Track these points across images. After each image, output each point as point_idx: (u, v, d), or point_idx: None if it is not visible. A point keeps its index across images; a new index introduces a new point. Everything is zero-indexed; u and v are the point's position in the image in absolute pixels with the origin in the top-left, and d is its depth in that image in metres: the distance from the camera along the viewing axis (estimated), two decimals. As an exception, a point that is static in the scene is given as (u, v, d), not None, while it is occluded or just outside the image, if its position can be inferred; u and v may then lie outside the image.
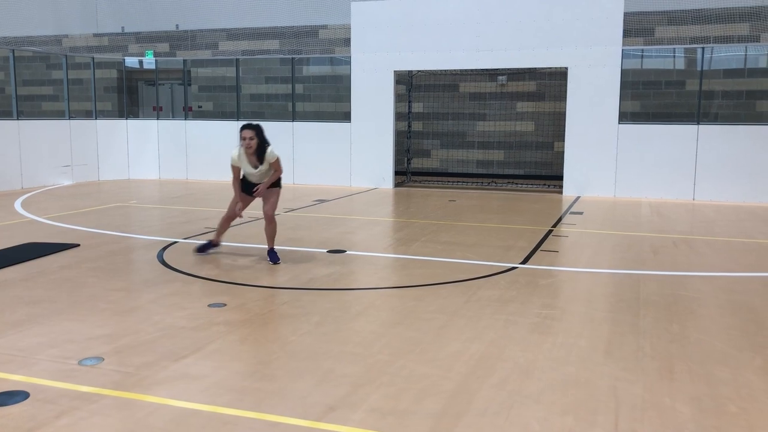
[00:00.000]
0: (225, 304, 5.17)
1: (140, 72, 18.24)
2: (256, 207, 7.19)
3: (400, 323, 4.87)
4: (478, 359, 4.09)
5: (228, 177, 7.16)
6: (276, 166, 6.73)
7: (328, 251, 7.25)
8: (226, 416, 3.31)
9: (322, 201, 11.57)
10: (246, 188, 6.82)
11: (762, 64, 13.86)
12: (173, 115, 17.66)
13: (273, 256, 6.64)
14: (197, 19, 17.46)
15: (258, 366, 3.95)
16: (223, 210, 7.26)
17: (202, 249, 7.04)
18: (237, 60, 15.64)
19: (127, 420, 3.27)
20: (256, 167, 6.66)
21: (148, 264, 6.72)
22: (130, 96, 17.59)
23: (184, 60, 16.68)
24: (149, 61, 17.51)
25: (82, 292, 5.54)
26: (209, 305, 5.15)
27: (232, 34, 17.41)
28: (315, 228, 8.87)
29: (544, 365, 4.04)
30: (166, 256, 6.92)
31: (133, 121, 15.56)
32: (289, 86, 15.05)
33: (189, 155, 15.10)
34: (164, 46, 18.13)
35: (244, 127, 6.57)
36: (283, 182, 7.17)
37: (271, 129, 14.68)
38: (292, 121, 14.52)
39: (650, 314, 5.05)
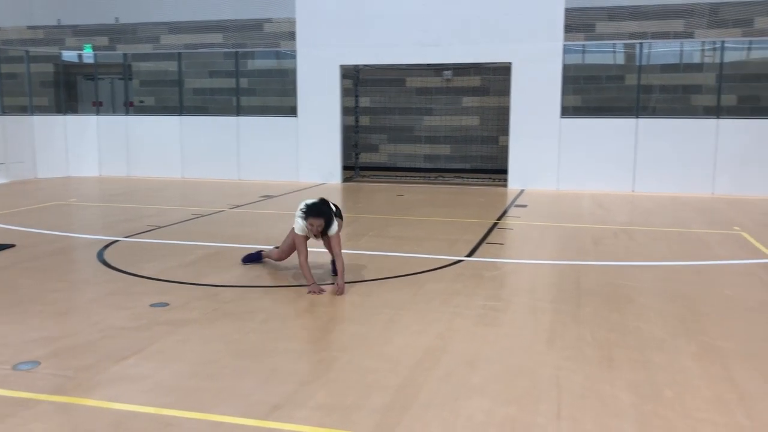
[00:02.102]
0: (168, 304, 5.07)
1: (79, 66, 17.68)
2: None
3: (347, 319, 4.86)
4: (424, 352, 4.12)
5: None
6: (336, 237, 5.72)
7: (274, 247, 7.16)
8: (168, 417, 3.25)
9: (268, 197, 11.46)
10: None
11: (696, 60, 14.32)
12: (114, 111, 17.19)
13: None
14: (138, 12, 17.01)
15: (201, 366, 3.88)
16: (164, 206, 7.10)
17: (249, 259, 6.50)
18: (179, 54, 15.33)
19: (65, 425, 3.18)
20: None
21: (88, 264, 6.53)
22: (68, 91, 17.04)
23: (124, 54, 16.26)
24: (88, 55, 17.01)
25: (18, 294, 5.35)
26: (151, 305, 5.04)
27: (174, 28, 17.04)
28: (261, 224, 8.78)
29: (488, 356, 4.10)
30: (107, 256, 6.74)
31: (71, 117, 15.08)
32: (234, 80, 14.84)
33: (130, 151, 14.74)
34: (103, 40, 17.62)
35: (313, 214, 5.51)
36: (229, 178, 7.01)
37: (215, 124, 14.61)
38: (237, 115, 14.32)
39: (591, 304, 5.17)
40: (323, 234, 5.63)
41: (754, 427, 3.18)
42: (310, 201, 5.67)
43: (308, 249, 5.67)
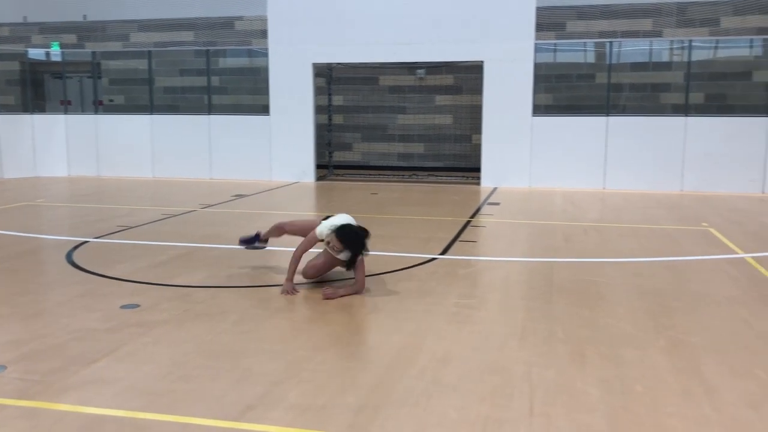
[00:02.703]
0: (138, 305, 5.00)
1: (46, 64, 17.39)
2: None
3: (320, 318, 4.85)
4: (397, 351, 4.13)
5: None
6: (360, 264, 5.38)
7: (247, 247, 7.12)
8: (139, 420, 3.21)
9: (241, 196, 11.38)
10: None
11: (665, 59, 14.54)
12: (83, 110, 16.93)
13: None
14: (106, 9, 16.77)
15: (173, 367, 3.84)
16: (135, 207, 7.01)
17: (248, 242, 6.48)
18: (149, 52, 15.14)
19: (32, 430, 3.12)
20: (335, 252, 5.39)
21: (57, 265, 6.43)
22: (36, 89, 16.74)
23: (93, 52, 16.03)
24: (55, 53, 16.72)
25: (-17, 298, 5.24)
26: (122, 306, 4.97)
27: (144, 26, 16.83)
28: (233, 224, 8.70)
29: (461, 354, 4.12)
30: (76, 257, 6.63)
31: (39, 116, 14.82)
32: (205, 79, 14.70)
33: (100, 151, 14.53)
34: (71, 38, 17.34)
35: (342, 238, 5.22)
36: (201, 177, 6.94)
37: (186, 123, 14.46)
38: (209, 114, 14.20)
39: (563, 300, 5.22)
40: (347, 266, 5.33)
41: (720, 419, 3.24)
42: (353, 224, 5.37)
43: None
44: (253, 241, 6.47)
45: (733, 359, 4.01)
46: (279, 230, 6.12)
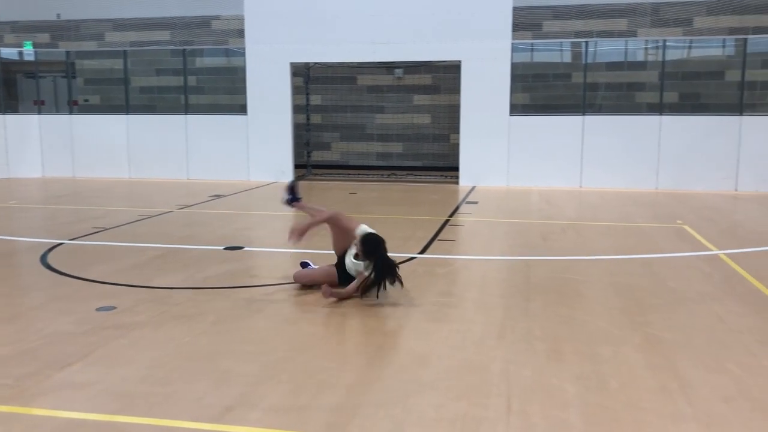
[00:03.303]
0: (115, 307, 4.96)
1: (19, 64, 17.10)
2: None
3: (300, 319, 4.84)
4: (376, 350, 4.13)
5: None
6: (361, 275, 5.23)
7: (225, 248, 7.09)
8: (116, 424, 3.18)
9: (218, 196, 11.31)
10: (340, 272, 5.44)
11: (640, 58, 14.70)
12: (57, 110, 16.70)
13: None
14: (80, 8, 16.55)
15: (150, 370, 3.81)
16: (111, 208, 6.94)
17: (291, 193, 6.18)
18: (125, 52, 14.99)
19: (6, 435, 3.08)
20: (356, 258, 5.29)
21: (31, 268, 6.34)
22: (8, 89, 16.46)
23: (67, 51, 15.82)
24: (28, 53, 16.46)
25: (-45, 301, 5.15)
26: (98, 309, 4.92)
27: (119, 25, 16.65)
28: (211, 225, 8.66)
29: (440, 352, 4.13)
30: (51, 259, 6.54)
31: (11, 117, 14.58)
32: (182, 78, 14.58)
33: (75, 151, 14.35)
34: (45, 37, 17.09)
35: (365, 242, 5.12)
36: (178, 178, 6.88)
37: (163, 123, 14.34)
38: (185, 114, 14.09)
39: (540, 298, 5.27)
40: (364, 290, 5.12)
41: (695, 413, 3.29)
42: (380, 242, 5.12)
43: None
44: (291, 197, 6.24)
45: (706, 355, 4.07)
46: (323, 218, 5.62)
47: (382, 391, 3.54)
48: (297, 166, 14.07)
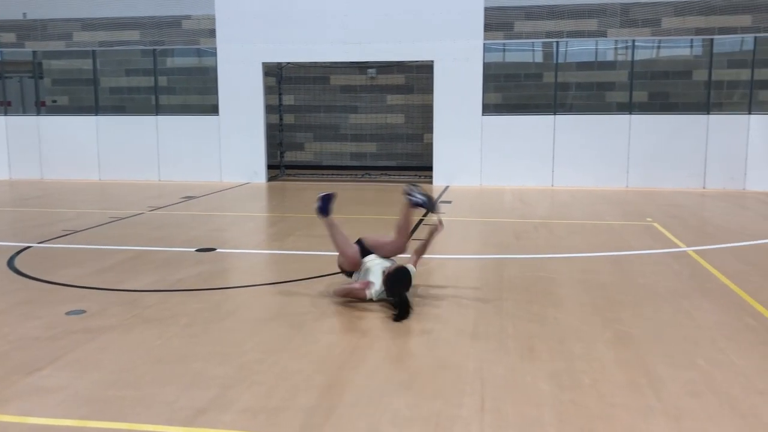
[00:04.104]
0: (84, 311, 4.88)
1: (-16, 64, 16.77)
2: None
3: (273, 320, 4.81)
4: (351, 350, 4.13)
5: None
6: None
7: (197, 250, 7.03)
8: (86, 429, 3.13)
9: (190, 198, 11.20)
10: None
11: (610, 58, 14.90)
12: (24, 111, 16.41)
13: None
14: (47, 7, 16.28)
15: (121, 373, 3.76)
16: (81, 210, 6.83)
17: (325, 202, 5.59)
18: (94, 52, 14.78)
19: (-28, 443, 3.02)
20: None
21: (-3, 272, 6.21)
22: (-27, 90, 16.13)
23: (33, 51, 15.55)
24: (-6, 52, 16.13)
25: None
26: (67, 313, 4.84)
27: (88, 24, 16.41)
28: (183, 226, 8.57)
29: (414, 352, 4.14)
30: (18, 263, 6.43)
31: (-23, 118, 14.31)
32: (152, 78, 14.42)
33: (43, 153, 14.12)
34: (10, 36, 16.78)
35: (389, 278, 5.02)
36: (149, 179, 6.80)
37: (133, 124, 14.16)
38: (156, 114, 13.93)
39: (513, 296, 5.31)
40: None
41: (664, 408, 3.34)
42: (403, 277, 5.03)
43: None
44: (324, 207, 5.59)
45: (675, 350, 4.13)
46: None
47: (357, 391, 3.54)
48: (270, 167, 14.01)
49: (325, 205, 5.52)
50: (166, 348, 4.18)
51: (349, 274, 5.44)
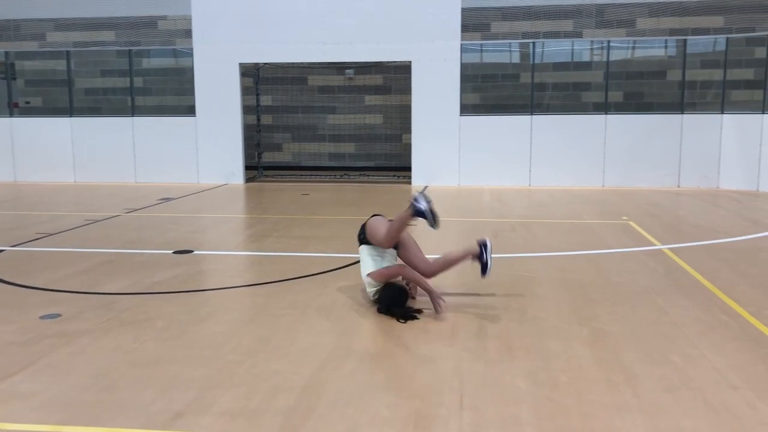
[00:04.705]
0: (59, 315, 4.82)
1: (-46, 65, 16.48)
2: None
3: (251, 322, 4.79)
4: (329, 351, 4.12)
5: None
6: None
7: (174, 252, 6.97)
8: (61, 435, 3.09)
9: (167, 199, 11.10)
10: None
11: (586, 58, 15.03)
12: (-4, 112, 16.13)
13: None
14: (19, 7, 16.03)
15: (97, 378, 3.72)
16: (56, 213, 6.75)
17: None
18: (68, 52, 14.59)
19: (-56, 450, 2.97)
20: None
21: (-30, 276, 6.11)
22: (-57, 91, 15.84)
23: (6, 52, 15.32)
24: (-35, 53, 15.86)
25: None
26: (41, 317, 4.78)
27: (61, 24, 16.19)
28: (159, 228, 8.50)
29: (393, 352, 4.15)
30: (-9, 267, 6.33)
31: (-53, 119, 14.05)
32: (128, 79, 14.27)
33: (17, 155, 13.91)
34: (-18, 37, 16.51)
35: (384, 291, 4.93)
36: (125, 181, 6.71)
37: (109, 125, 14.00)
38: (132, 115, 13.80)
39: (491, 295, 5.34)
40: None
41: (640, 404, 3.38)
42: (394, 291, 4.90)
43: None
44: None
45: (650, 347, 4.19)
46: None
47: (336, 392, 3.54)
48: (248, 168, 13.94)
49: (424, 213, 5.00)
50: (143, 351, 4.15)
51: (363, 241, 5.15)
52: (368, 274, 4.95)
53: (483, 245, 5.08)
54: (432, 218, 4.95)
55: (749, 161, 12.00)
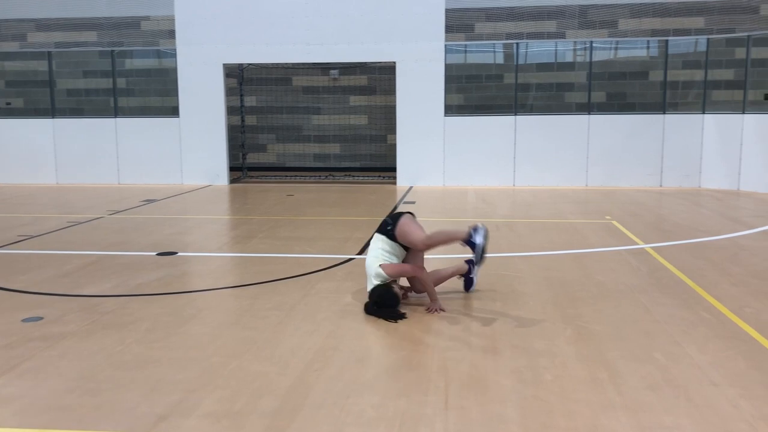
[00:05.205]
0: (42, 318, 4.78)
1: (-66, 65, 16.28)
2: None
3: (236, 323, 4.77)
4: (315, 352, 4.12)
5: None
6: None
7: (158, 254, 6.93)
8: (43, 439, 3.07)
9: (151, 201, 11.03)
10: None
11: (569, 59, 15.12)
12: (-23, 113, 15.95)
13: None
14: (0, 7, 15.86)
15: (80, 381, 3.69)
16: (38, 215, 6.69)
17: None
18: (49, 53, 14.46)
19: (-76, 456, 2.93)
20: None
21: (-50, 279, 6.04)
22: None
23: (-14, 52, 15.14)
24: (-56, 54, 15.68)
25: None
26: (23, 320, 4.73)
27: (43, 25, 16.04)
28: (143, 230, 8.44)
29: (379, 352, 4.15)
30: (-28, 270, 6.26)
31: (-74, 121, 13.87)
32: (110, 80, 14.17)
33: (-3, 157, 13.75)
34: (-39, 37, 16.31)
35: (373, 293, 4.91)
36: (108, 183, 6.66)
37: (91, 126, 13.89)
38: (115, 117, 13.70)
39: (476, 295, 5.36)
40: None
41: (624, 402, 3.41)
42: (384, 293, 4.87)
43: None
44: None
45: (634, 345, 4.22)
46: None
47: (321, 393, 3.53)
48: (232, 169, 13.89)
49: (476, 247, 5.00)
50: (127, 354, 4.12)
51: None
52: (380, 265, 4.91)
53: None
54: (480, 256, 4.92)
55: (730, 161, 12.14)
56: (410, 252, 5.11)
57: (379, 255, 4.99)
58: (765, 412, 3.30)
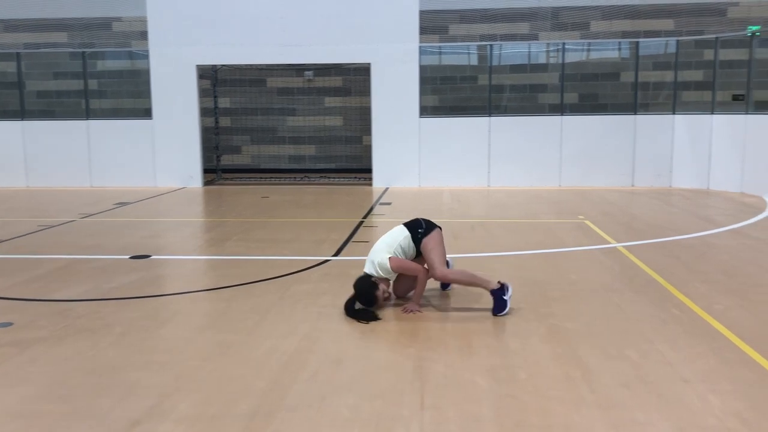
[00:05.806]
0: (12, 323, 4.70)
1: None
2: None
3: (211, 326, 4.74)
4: (291, 355, 4.11)
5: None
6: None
7: (131, 257, 6.86)
8: (14, 446, 3.02)
9: (123, 204, 10.91)
10: None
11: (542, 60, 15.26)
12: (-57, 116, 15.62)
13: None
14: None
15: (51, 387, 3.64)
16: (7, 219, 6.57)
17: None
18: (18, 54, 14.22)
19: None
20: None
21: None
22: None
23: (-47, 53, 14.84)
24: None
25: None
26: (-7, 326, 4.66)
27: (11, 26, 15.76)
28: (115, 233, 8.34)
29: (355, 354, 4.16)
30: (-61, 275, 6.13)
31: None
32: (82, 82, 13.98)
33: (-35, 160, 13.48)
34: (-73, 38, 15.96)
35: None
36: (80, 185, 6.56)
37: (62, 128, 13.69)
38: (87, 119, 13.52)
39: (452, 295, 5.39)
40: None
41: (597, 399, 3.45)
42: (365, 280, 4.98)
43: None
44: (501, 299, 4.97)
45: (606, 342, 4.28)
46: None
47: (297, 395, 3.53)
48: (206, 171, 13.79)
49: (501, 304, 4.91)
50: (100, 358, 4.07)
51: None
52: (390, 258, 4.93)
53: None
54: (500, 310, 4.89)
55: (699, 160, 12.34)
56: (418, 257, 5.15)
57: (393, 248, 5.03)
58: (734, 406, 3.37)
